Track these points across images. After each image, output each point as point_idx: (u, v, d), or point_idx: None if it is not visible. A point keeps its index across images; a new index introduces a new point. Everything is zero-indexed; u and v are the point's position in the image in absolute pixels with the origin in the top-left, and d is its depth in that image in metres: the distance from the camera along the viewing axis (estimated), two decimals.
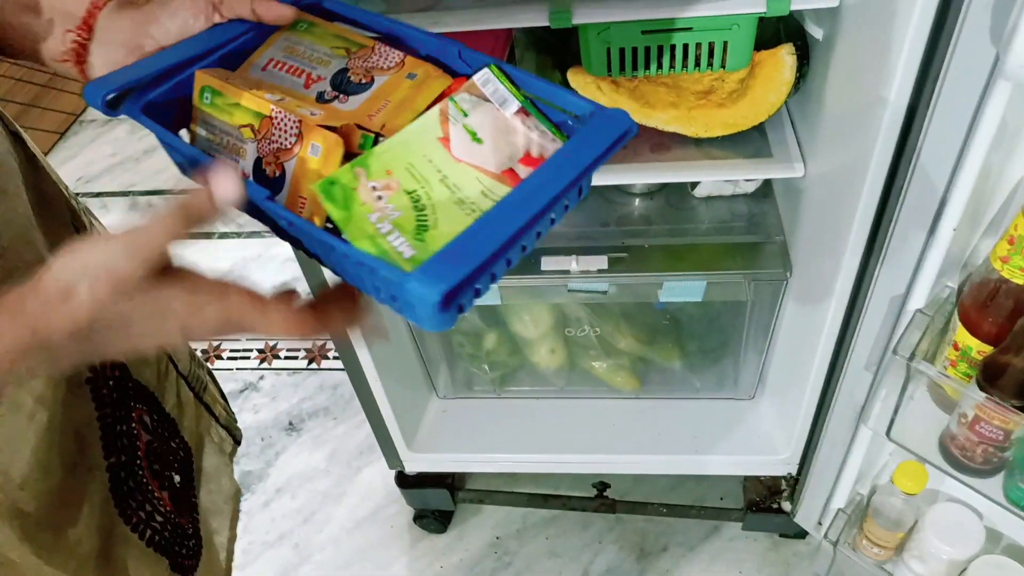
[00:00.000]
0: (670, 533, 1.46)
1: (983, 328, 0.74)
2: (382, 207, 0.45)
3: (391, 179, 0.47)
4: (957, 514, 1.02)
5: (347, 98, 0.52)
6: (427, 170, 0.47)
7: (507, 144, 0.49)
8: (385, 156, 0.47)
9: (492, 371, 1.40)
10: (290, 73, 0.53)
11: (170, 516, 0.67)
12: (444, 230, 0.45)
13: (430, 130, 0.49)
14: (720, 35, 0.89)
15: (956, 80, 0.65)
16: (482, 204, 0.47)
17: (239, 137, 0.50)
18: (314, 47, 0.54)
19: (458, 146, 0.49)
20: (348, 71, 0.53)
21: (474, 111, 0.50)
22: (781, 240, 1.13)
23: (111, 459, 0.60)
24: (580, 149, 0.46)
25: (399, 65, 0.53)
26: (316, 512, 1.56)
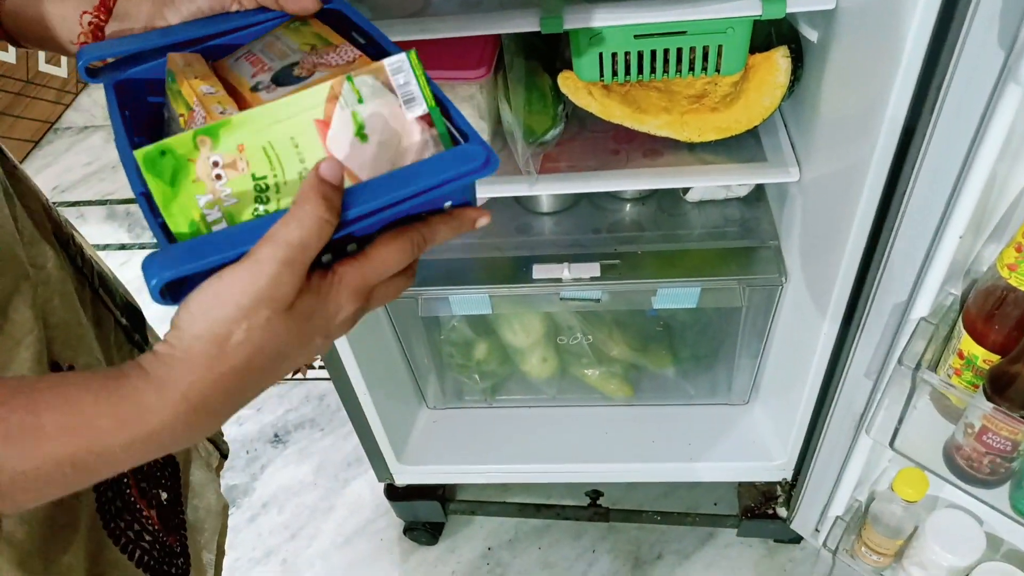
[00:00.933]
0: (664, 541, 1.44)
1: (989, 337, 0.72)
2: (217, 189, 0.40)
3: (240, 157, 0.40)
4: (957, 521, 1.01)
5: (276, 89, 0.46)
6: (288, 155, 0.41)
7: (394, 151, 0.43)
8: (243, 128, 0.40)
9: (483, 381, 1.38)
10: (253, 65, 0.50)
11: (158, 535, 0.65)
12: (285, 196, 0.41)
13: (309, 107, 0.41)
14: (714, 39, 0.87)
15: (962, 84, 0.64)
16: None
17: (178, 123, 0.46)
18: (288, 43, 0.51)
19: (336, 137, 0.42)
20: (296, 64, 0.48)
21: (371, 99, 0.42)
22: (775, 245, 1.12)
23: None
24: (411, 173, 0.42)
25: (348, 63, 0.47)
26: (304, 527, 1.53)
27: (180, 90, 0.47)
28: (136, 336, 0.69)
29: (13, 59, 2.21)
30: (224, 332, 0.38)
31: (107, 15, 0.52)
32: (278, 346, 0.40)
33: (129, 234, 2.13)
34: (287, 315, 0.39)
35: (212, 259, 0.38)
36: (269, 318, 0.39)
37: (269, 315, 0.39)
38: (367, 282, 0.43)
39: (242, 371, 0.39)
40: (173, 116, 0.48)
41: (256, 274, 0.38)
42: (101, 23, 0.52)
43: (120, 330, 0.67)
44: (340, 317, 0.42)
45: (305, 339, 0.41)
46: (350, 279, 0.42)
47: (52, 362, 0.54)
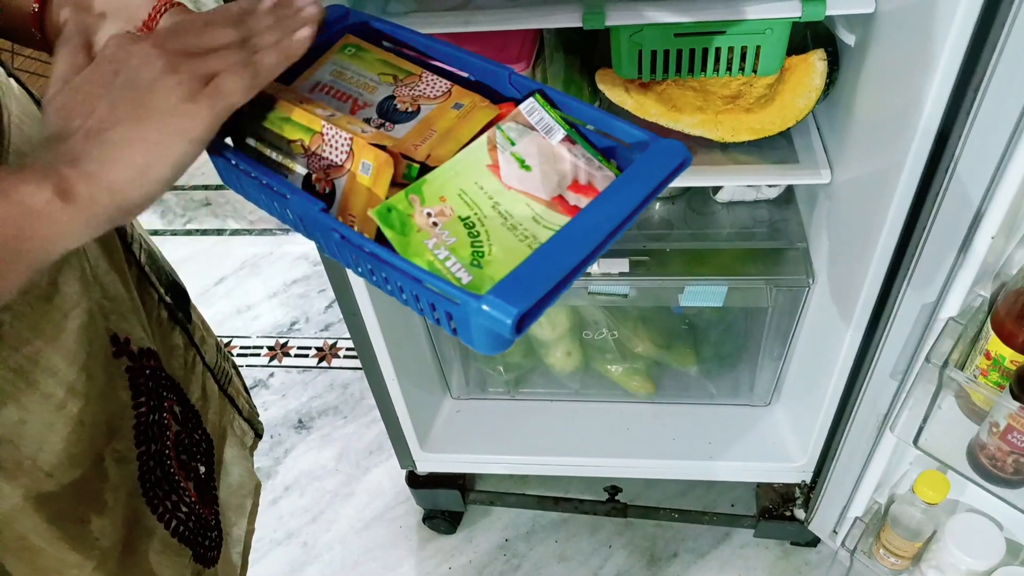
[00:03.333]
0: (680, 539, 1.45)
1: (1018, 338, 0.73)
2: (438, 233, 0.46)
3: (445, 205, 0.47)
4: (977, 525, 1.02)
5: (393, 126, 0.52)
6: (479, 197, 0.48)
7: (555, 171, 0.50)
8: (437, 183, 0.48)
9: (506, 372, 1.40)
10: (336, 98, 0.53)
11: (194, 507, 0.67)
12: (498, 257, 0.46)
13: (479, 158, 0.49)
14: (753, 39, 0.88)
15: (1000, 88, 0.65)
16: (534, 231, 0.47)
17: (289, 151, 0.50)
18: (361, 72, 0.55)
19: (508, 173, 0.49)
20: (395, 99, 0.53)
21: (521, 139, 0.50)
22: (803, 247, 1.13)
23: (141, 448, 0.60)
24: (637, 179, 0.47)
25: (446, 95, 0.53)
26: (324, 511, 1.55)
27: (290, 117, 0.50)
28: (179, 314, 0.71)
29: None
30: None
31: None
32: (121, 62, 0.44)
33: (162, 220, 2.17)
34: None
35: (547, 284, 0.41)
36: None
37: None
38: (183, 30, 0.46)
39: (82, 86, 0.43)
40: (275, 143, 0.51)
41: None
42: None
43: (164, 307, 0.68)
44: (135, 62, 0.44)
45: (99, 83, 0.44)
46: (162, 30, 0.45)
47: (113, 334, 0.56)
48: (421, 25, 0.89)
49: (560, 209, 0.49)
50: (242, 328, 1.88)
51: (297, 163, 0.50)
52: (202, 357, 0.73)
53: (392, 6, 0.91)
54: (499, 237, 0.47)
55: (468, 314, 0.42)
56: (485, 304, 0.40)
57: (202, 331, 0.74)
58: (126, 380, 0.58)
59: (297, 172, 0.51)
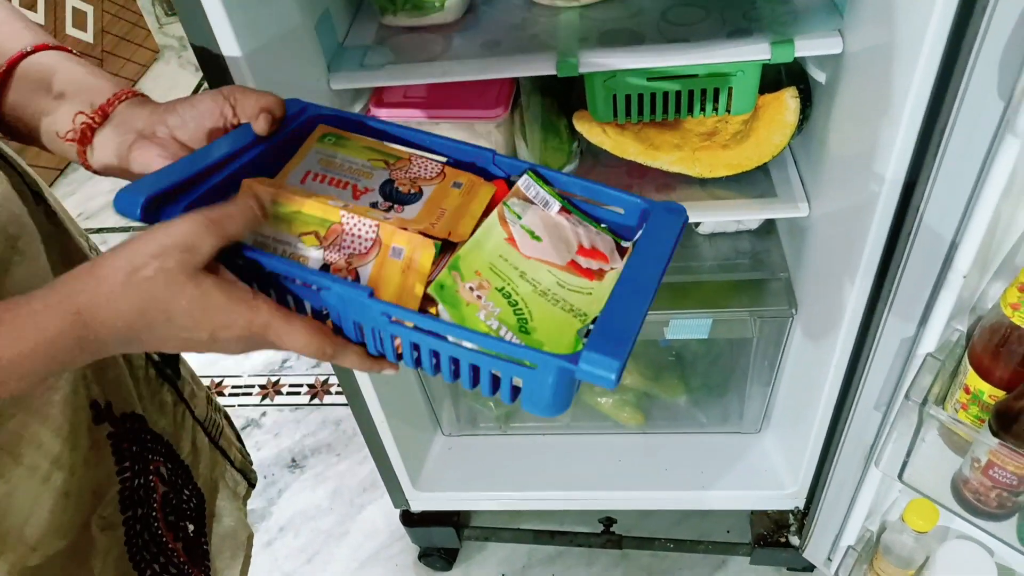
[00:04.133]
0: (677, 568, 1.45)
1: (995, 373, 0.74)
2: (484, 305, 0.49)
3: (482, 279, 0.50)
4: (968, 552, 1.02)
5: (402, 208, 0.53)
6: (506, 268, 0.51)
7: (561, 240, 0.54)
8: (470, 258, 0.50)
9: (497, 408, 1.40)
10: (333, 185, 0.54)
11: (183, 567, 0.67)
12: (541, 322, 0.49)
13: (496, 233, 0.52)
14: (725, 81, 0.90)
15: (964, 131, 0.66)
16: (563, 295, 0.51)
17: (299, 246, 0.50)
18: (350, 159, 0.56)
19: (524, 245, 0.52)
20: (394, 182, 0.55)
21: (525, 213, 0.54)
22: (786, 277, 1.14)
23: (127, 513, 0.60)
24: (657, 236, 0.52)
25: (441, 175, 0.56)
26: (319, 551, 1.55)
27: (300, 210, 0.50)
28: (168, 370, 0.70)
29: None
30: (139, 263, 0.42)
31: (102, 119, 0.54)
32: (169, 300, 0.43)
33: None
34: (192, 276, 0.43)
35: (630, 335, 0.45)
36: (179, 263, 0.42)
37: (179, 261, 0.42)
38: (268, 330, 0.46)
39: (136, 311, 0.42)
40: (280, 238, 0.50)
41: (182, 223, 0.43)
42: (94, 125, 0.54)
43: (151, 365, 0.68)
44: (231, 334, 0.45)
45: (195, 317, 0.44)
46: (261, 315, 0.45)
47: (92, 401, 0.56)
48: (399, 76, 0.90)
49: (577, 272, 0.52)
50: (234, 367, 1.88)
51: (310, 255, 0.50)
52: (192, 412, 0.73)
53: (370, 58, 0.93)
54: (534, 304, 0.50)
55: (548, 375, 0.45)
56: (585, 363, 0.43)
57: (192, 385, 0.74)
58: (109, 447, 0.58)
59: (310, 265, 0.50)
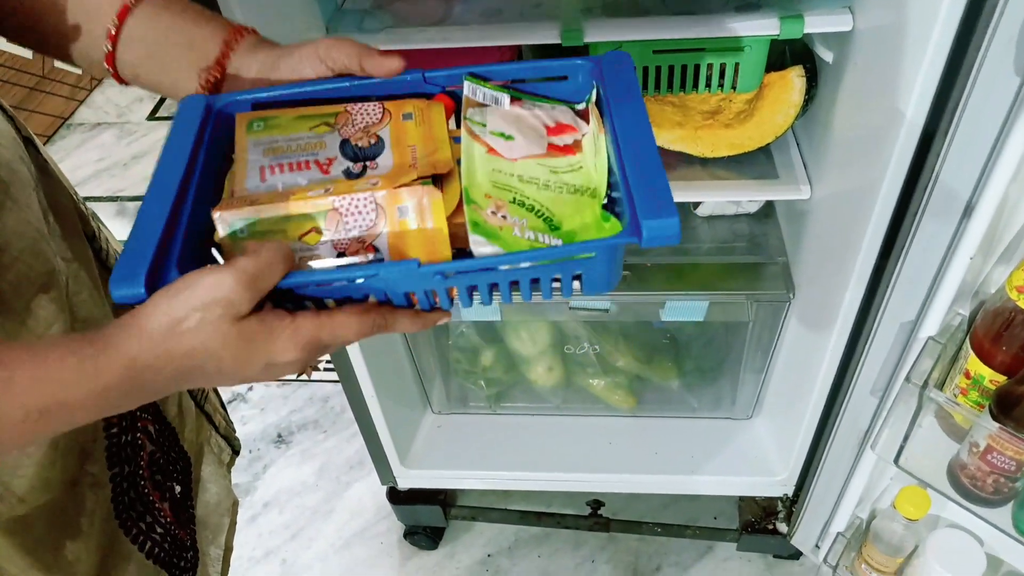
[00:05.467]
0: (664, 553, 1.45)
1: (997, 358, 0.73)
2: (512, 222, 0.48)
3: (493, 201, 0.49)
4: (958, 540, 1.02)
5: (375, 163, 0.52)
6: (505, 179, 0.50)
7: (529, 128, 0.53)
8: (474, 187, 0.49)
9: (488, 387, 1.39)
10: (295, 170, 0.51)
11: (170, 528, 0.66)
12: (560, 213, 0.49)
13: (477, 151, 0.51)
14: (732, 56, 0.88)
15: (977, 109, 0.65)
16: (561, 179, 0.51)
17: (304, 247, 0.48)
18: (292, 138, 0.53)
19: (503, 149, 0.52)
20: (349, 140, 0.52)
21: (486, 118, 0.53)
22: (783, 261, 1.13)
23: (114, 470, 0.59)
24: (619, 87, 0.51)
25: (386, 113, 0.54)
26: (304, 528, 1.54)
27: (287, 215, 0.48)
28: None
29: (29, 54, 2.23)
30: (181, 315, 0.43)
31: (222, 73, 0.56)
32: (217, 349, 0.44)
33: None
34: (235, 325, 0.44)
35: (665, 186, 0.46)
36: (221, 316, 0.44)
37: (221, 314, 0.44)
38: (318, 338, 0.47)
39: (182, 357, 0.44)
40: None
41: (223, 277, 0.44)
42: (218, 81, 0.56)
43: None
44: (285, 358, 0.46)
45: (243, 358, 0.45)
46: (304, 330, 0.46)
47: None
48: (398, 41, 0.88)
49: (559, 153, 0.52)
50: None
51: (320, 251, 0.48)
52: None
53: (368, 22, 0.90)
54: (545, 199, 0.50)
55: (607, 257, 0.47)
56: (647, 232, 0.44)
57: None
58: None
59: (324, 258, 0.48)
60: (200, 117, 0.52)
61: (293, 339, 0.46)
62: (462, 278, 0.48)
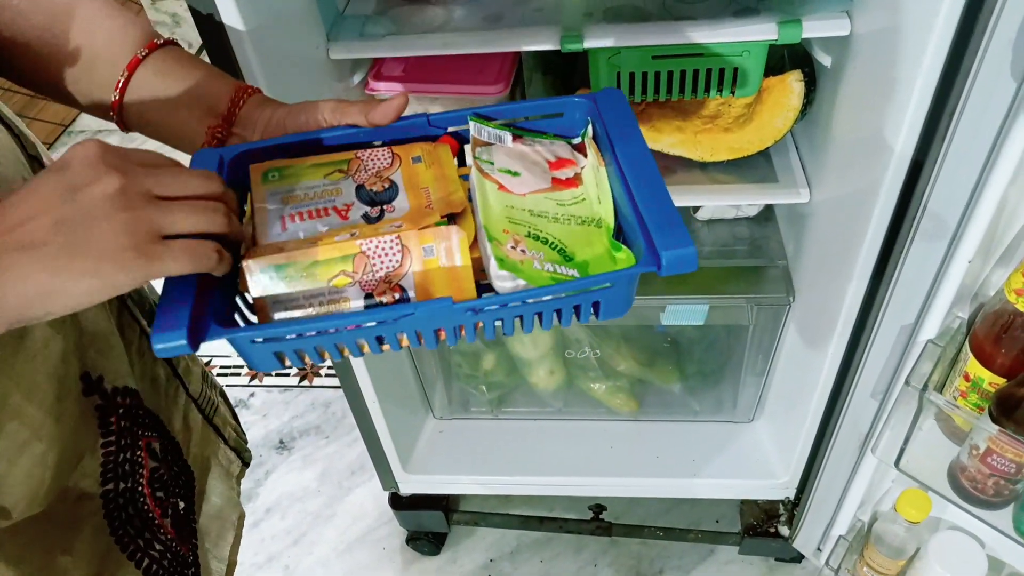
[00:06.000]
0: (666, 556, 1.45)
1: (996, 360, 0.73)
2: (532, 256, 0.50)
3: (511, 236, 0.51)
4: (960, 542, 1.02)
5: (391, 206, 0.53)
6: (518, 215, 0.52)
7: (533, 164, 0.56)
8: (492, 223, 0.51)
9: (489, 392, 1.39)
10: (315, 217, 0.52)
11: (170, 544, 0.65)
12: (572, 245, 0.51)
13: (488, 188, 0.53)
14: (731, 61, 0.89)
15: (974, 113, 0.65)
16: (569, 211, 0.53)
17: (333, 291, 0.49)
18: (308, 185, 0.54)
19: (512, 186, 0.54)
20: (364, 186, 0.54)
21: (492, 156, 0.55)
22: (784, 264, 1.13)
23: (108, 486, 0.59)
24: (617, 123, 0.54)
25: (396, 158, 0.56)
26: (306, 533, 1.54)
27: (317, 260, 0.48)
28: None
29: None
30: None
31: (228, 129, 0.57)
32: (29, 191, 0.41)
33: None
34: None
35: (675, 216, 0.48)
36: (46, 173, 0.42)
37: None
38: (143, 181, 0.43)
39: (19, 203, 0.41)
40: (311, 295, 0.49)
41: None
42: (224, 137, 0.57)
43: (146, 339, 0.67)
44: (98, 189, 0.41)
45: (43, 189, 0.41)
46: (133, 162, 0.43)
47: (84, 373, 0.55)
48: (400, 47, 0.89)
49: (562, 187, 0.55)
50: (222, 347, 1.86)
51: (348, 293, 0.49)
52: (185, 388, 0.71)
53: (370, 28, 0.91)
54: (557, 232, 0.52)
55: (624, 286, 0.49)
56: (667, 261, 0.46)
57: (187, 361, 0.73)
58: (95, 419, 0.57)
59: (353, 304, 0.49)
60: (214, 168, 0.53)
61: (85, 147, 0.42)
62: (491, 313, 0.49)
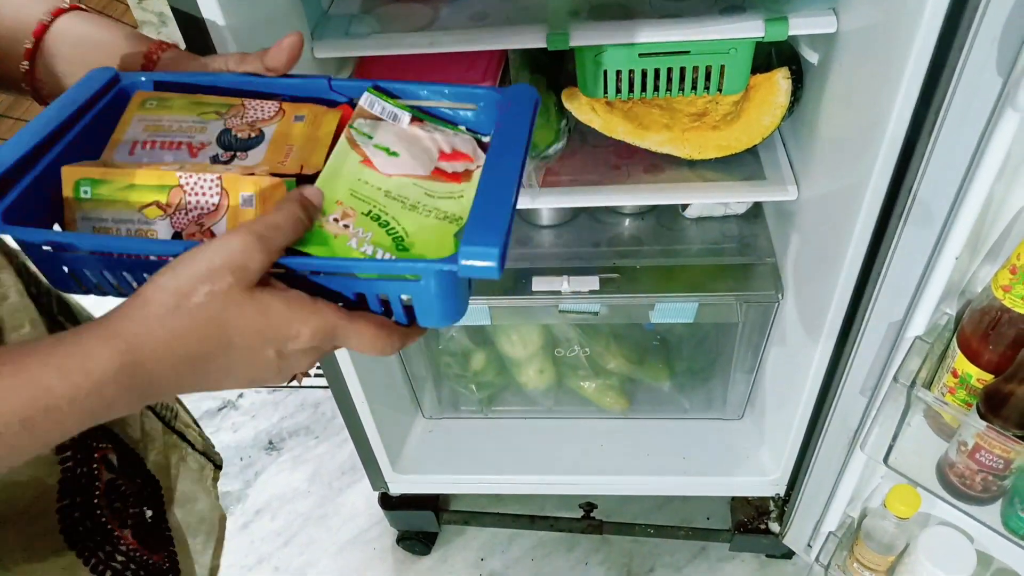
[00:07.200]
0: (657, 554, 1.45)
1: (984, 356, 0.74)
2: (353, 233, 0.47)
3: (345, 207, 0.48)
4: (949, 538, 1.02)
5: (245, 154, 0.51)
6: (368, 191, 0.49)
7: (420, 150, 0.53)
8: (327, 190, 0.48)
9: (479, 391, 1.39)
10: (166, 148, 0.51)
11: (134, 554, 0.64)
12: (418, 236, 0.48)
13: (350, 158, 0.50)
14: (717, 59, 0.88)
15: (960, 109, 0.65)
16: (433, 203, 0.50)
17: (143, 220, 0.47)
18: (178, 119, 0.52)
19: (381, 164, 0.51)
20: (231, 130, 0.52)
21: (375, 131, 0.53)
22: (772, 262, 1.13)
23: (64, 501, 0.58)
24: (513, 125, 0.50)
25: (280, 112, 0.53)
26: (297, 534, 1.53)
27: (133, 183, 0.47)
28: None
29: None
30: (187, 288, 0.39)
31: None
32: (230, 328, 0.40)
33: None
34: (248, 294, 0.40)
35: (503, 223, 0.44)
36: (231, 285, 0.40)
37: (232, 283, 0.40)
38: (335, 334, 0.44)
39: (191, 339, 0.39)
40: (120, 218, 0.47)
41: (230, 240, 0.40)
42: None
43: None
44: (297, 345, 0.43)
45: (255, 338, 0.41)
46: (327, 317, 0.43)
47: None
48: (385, 46, 0.88)
49: (443, 179, 0.52)
50: None
51: (157, 227, 0.47)
52: None
53: (355, 27, 0.90)
54: (406, 220, 0.48)
55: (431, 282, 0.44)
56: (464, 259, 0.42)
57: None
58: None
59: (160, 235, 0.47)
60: (100, 86, 0.51)
61: (311, 323, 0.43)
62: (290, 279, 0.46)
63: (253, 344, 0.41)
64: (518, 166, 0.47)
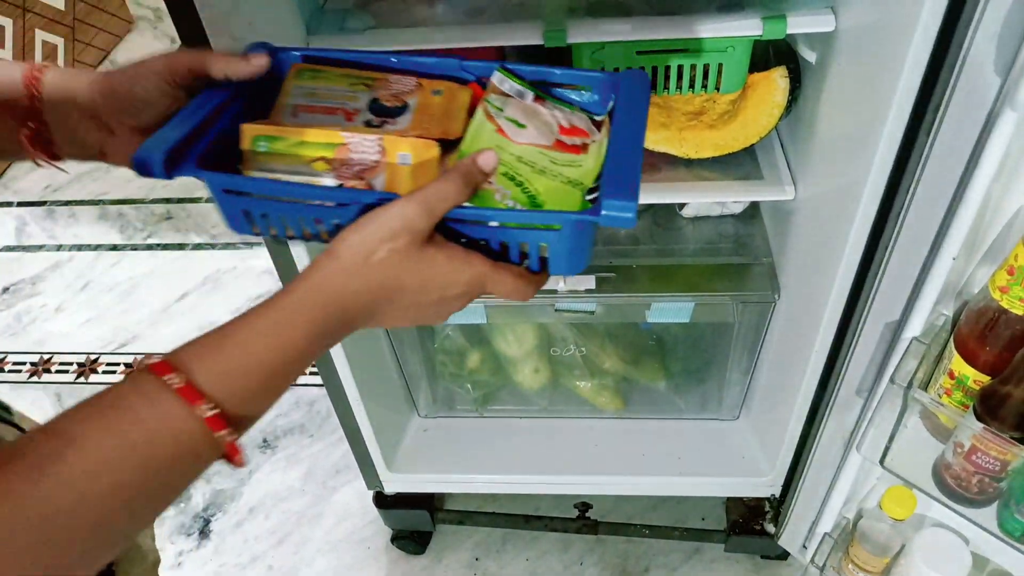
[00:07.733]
0: (652, 554, 1.45)
1: (981, 358, 0.73)
2: (497, 189, 0.54)
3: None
4: (944, 539, 1.02)
5: (395, 120, 0.58)
6: (504, 155, 0.56)
7: (543, 123, 0.59)
8: (468, 152, 0.55)
9: (474, 390, 1.38)
10: (324, 113, 0.58)
11: None
12: (547, 195, 0.55)
13: (486, 127, 0.57)
14: (715, 57, 0.88)
15: (959, 108, 0.65)
16: (559, 169, 0.56)
17: (311, 172, 0.54)
18: (332, 88, 0.60)
19: (512, 133, 0.57)
20: (379, 99, 0.59)
21: (505, 106, 0.59)
22: (769, 262, 1.13)
23: None
24: (629, 101, 0.57)
25: (419, 87, 0.60)
26: (291, 533, 1.52)
27: (303, 140, 0.54)
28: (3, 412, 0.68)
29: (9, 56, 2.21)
30: (373, 245, 0.48)
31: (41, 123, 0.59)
32: (404, 278, 0.49)
33: (121, 235, 2.12)
34: (420, 250, 0.49)
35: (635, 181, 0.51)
36: (408, 244, 0.48)
37: (408, 242, 0.48)
38: (483, 282, 0.52)
39: (376, 288, 0.48)
40: (292, 170, 0.54)
41: (405, 206, 0.49)
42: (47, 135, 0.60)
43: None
44: (454, 290, 0.51)
45: (423, 284, 0.50)
46: (477, 266, 0.51)
47: None
48: (381, 42, 0.88)
49: (564, 150, 0.58)
50: None
51: (323, 179, 0.54)
52: None
53: (350, 22, 0.90)
54: (537, 181, 0.56)
55: (570, 231, 0.51)
56: (606, 209, 0.48)
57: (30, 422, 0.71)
58: None
59: (326, 185, 0.54)
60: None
61: (466, 272, 0.51)
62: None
63: (421, 290, 0.50)
64: (641, 136, 0.54)
